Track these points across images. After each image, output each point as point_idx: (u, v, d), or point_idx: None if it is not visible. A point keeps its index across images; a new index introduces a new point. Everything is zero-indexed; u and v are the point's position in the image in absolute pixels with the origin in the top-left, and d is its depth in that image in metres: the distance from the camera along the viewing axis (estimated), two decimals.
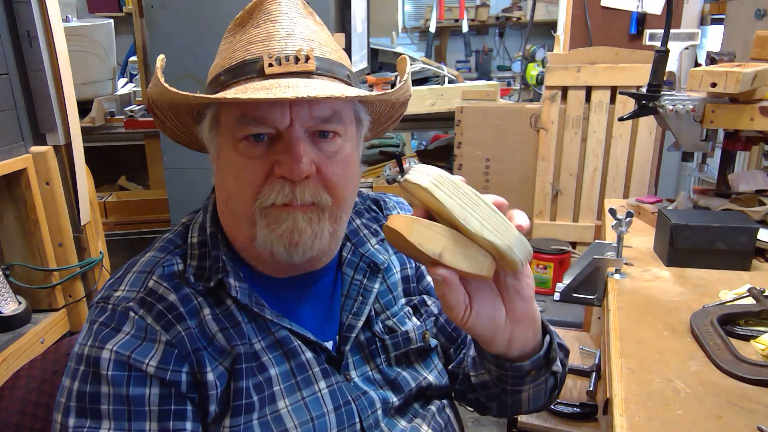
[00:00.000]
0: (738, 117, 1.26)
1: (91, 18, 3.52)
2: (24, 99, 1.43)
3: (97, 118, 2.58)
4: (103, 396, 0.66)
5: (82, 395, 0.67)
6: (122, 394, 0.66)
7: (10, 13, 1.38)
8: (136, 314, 0.69)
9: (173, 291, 0.72)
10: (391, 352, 0.83)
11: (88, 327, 0.71)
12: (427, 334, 0.87)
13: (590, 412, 1.38)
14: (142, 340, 0.68)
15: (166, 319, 0.70)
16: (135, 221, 2.55)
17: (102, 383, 0.66)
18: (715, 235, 1.17)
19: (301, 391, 0.74)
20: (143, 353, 0.68)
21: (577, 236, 2.50)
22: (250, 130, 0.68)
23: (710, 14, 2.52)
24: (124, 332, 0.69)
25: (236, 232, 0.76)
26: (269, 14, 0.71)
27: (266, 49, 0.69)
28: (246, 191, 0.69)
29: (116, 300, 0.71)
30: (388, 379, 0.82)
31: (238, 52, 0.70)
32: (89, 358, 0.68)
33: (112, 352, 0.67)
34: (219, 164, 0.73)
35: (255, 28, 0.71)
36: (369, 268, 0.83)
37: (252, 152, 0.69)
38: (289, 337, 0.75)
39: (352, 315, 0.80)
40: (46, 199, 1.45)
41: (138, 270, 0.74)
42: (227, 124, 0.70)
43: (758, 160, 2.19)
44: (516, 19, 4.59)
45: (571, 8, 2.41)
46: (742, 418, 0.74)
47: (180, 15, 2.01)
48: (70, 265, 1.53)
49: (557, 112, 2.39)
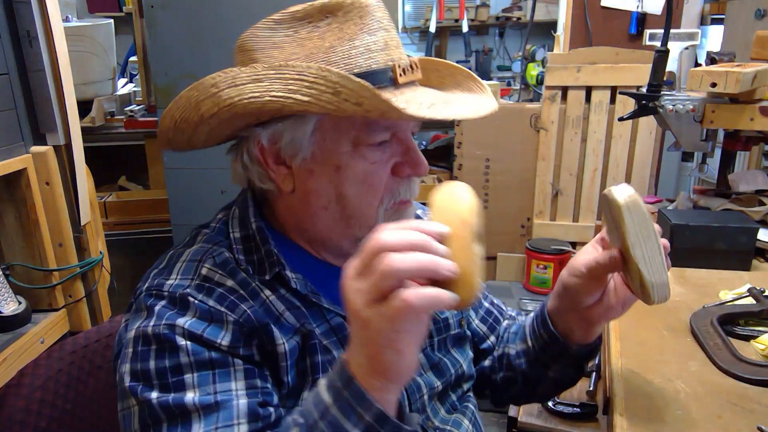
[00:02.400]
0: (738, 117, 1.26)
1: (91, 18, 3.52)
2: (24, 99, 1.42)
3: (97, 118, 2.58)
4: (185, 366, 0.65)
5: (163, 371, 0.65)
6: (205, 359, 0.66)
7: (10, 13, 1.37)
8: (195, 299, 0.69)
9: (229, 277, 0.72)
10: (435, 337, 0.86)
11: (145, 311, 0.70)
12: (464, 322, 0.92)
13: (590, 412, 1.38)
14: (209, 322, 0.68)
15: (229, 300, 0.70)
16: (135, 221, 2.55)
17: (181, 355, 0.66)
18: (715, 235, 1.17)
19: None
20: (214, 334, 0.67)
21: (577, 236, 2.50)
22: (381, 137, 0.71)
23: (710, 14, 2.52)
24: (189, 315, 0.68)
25: (330, 231, 0.77)
26: (380, 21, 0.72)
27: (389, 58, 0.71)
28: (372, 194, 0.73)
29: (171, 287, 0.70)
30: (433, 363, 0.85)
31: (358, 59, 0.69)
32: (159, 336, 0.66)
33: (184, 328, 0.67)
34: (319, 169, 0.73)
35: (369, 35, 0.70)
36: None
37: (377, 157, 0.72)
38: (343, 324, 0.76)
39: None
40: (46, 199, 1.45)
41: (187, 260, 0.74)
42: (345, 129, 0.70)
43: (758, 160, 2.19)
44: (516, 19, 4.58)
45: (571, 8, 2.41)
46: (742, 418, 0.74)
47: (180, 15, 2.01)
48: (70, 265, 1.52)
49: (557, 112, 2.39)
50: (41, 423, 0.82)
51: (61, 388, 0.86)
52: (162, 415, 0.64)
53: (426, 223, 0.56)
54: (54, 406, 0.84)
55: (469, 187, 0.62)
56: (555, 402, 1.41)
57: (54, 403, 0.84)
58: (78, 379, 0.89)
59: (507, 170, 2.55)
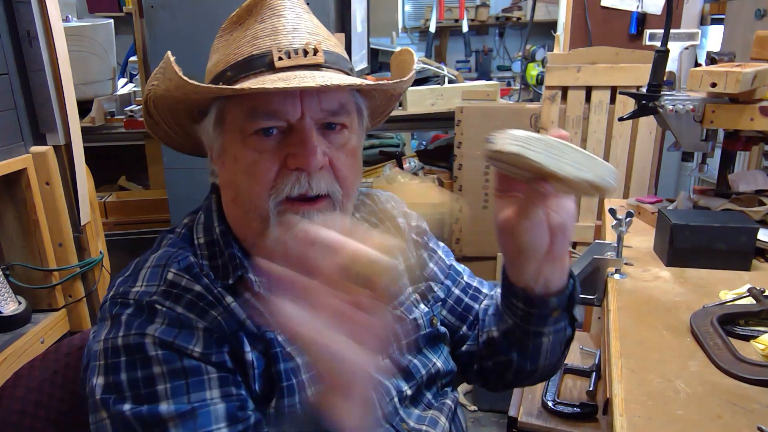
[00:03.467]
0: (738, 117, 1.26)
1: (91, 18, 3.52)
2: (24, 99, 1.43)
3: (97, 118, 2.58)
4: (157, 377, 0.64)
5: (135, 382, 0.64)
6: (178, 368, 0.65)
7: (10, 13, 1.38)
8: (163, 306, 0.68)
9: (196, 281, 0.71)
10: (402, 341, 0.84)
11: (111, 321, 0.68)
12: (435, 320, 0.90)
13: (590, 412, 1.38)
14: (179, 329, 0.67)
15: (198, 307, 0.69)
16: (135, 221, 2.54)
17: (153, 365, 0.64)
18: (715, 235, 1.17)
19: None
20: (186, 341, 0.66)
21: (577, 236, 2.50)
22: (261, 123, 0.68)
23: (710, 14, 2.52)
24: (158, 323, 0.66)
25: (246, 229, 0.75)
26: (273, 9, 0.71)
27: (274, 43, 0.69)
28: (259, 186, 0.69)
29: (136, 295, 0.69)
30: (400, 367, 0.83)
31: (243, 48, 0.70)
32: (129, 346, 0.65)
33: (154, 336, 0.65)
34: (225, 162, 0.73)
35: (259, 24, 0.71)
36: None
37: (263, 146, 0.69)
38: None
39: None
40: (46, 199, 1.45)
41: (151, 265, 0.73)
42: (234, 119, 0.70)
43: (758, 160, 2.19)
44: (516, 19, 4.59)
45: (571, 8, 2.41)
46: (742, 418, 0.74)
47: (180, 15, 2.00)
48: (70, 265, 1.52)
49: (557, 112, 2.39)
50: (36, 425, 0.81)
51: (56, 390, 0.86)
52: (137, 427, 0.63)
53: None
54: (49, 407, 0.83)
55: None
56: (555, 402, 1.41)
57: (49, 404, 0.83)
58: (73, 380, 0.88)
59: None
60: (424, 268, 0.94)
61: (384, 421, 0.79)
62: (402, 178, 2.67)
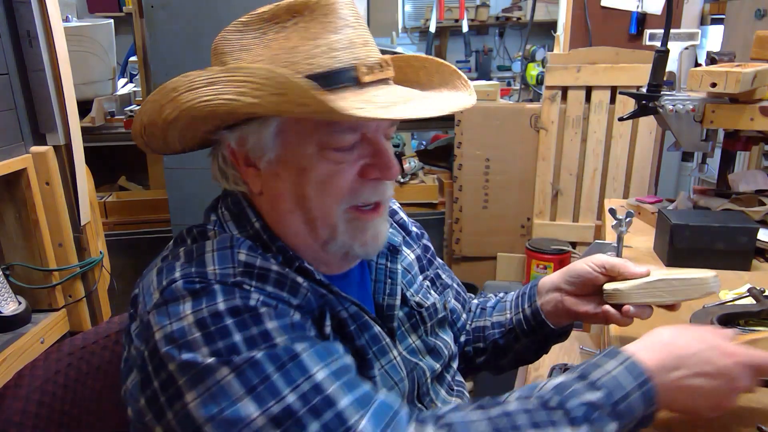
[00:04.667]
0: (738, 117, 1.26)
1: (91, 18, 3.52)
2: (24, 99, 1.42)
3: (97, 118, 2.58)
4: (273, 331, 0.62)
5: (251, 340, 0.61)
6: (288, 324, 0.64)
7: (10, 13, 1.37)
8: (251, 286, 0.65)
9: (268, 260, 0.70)
10: (428, 322, 0.89)
11: (193, 296, 0.63)
12: (447, 304, 0.97)
13: None
14: (276, 303, 0.65)
15: (288, 285, 0.69)
16: (135, 221, 2.54)
17: (265, 321, 0.62)
18: (715, 235, 1.17)
19: (380, 360, 0.78)
20: (283, 314, 0.65)
21: (577, 236, 2.50)
22: (346, 139, 0.69)
23: (710, 14, 2.52)
24: (254, 298, 0.64)
25: (305, 239, 0.75)
26: (345, 19, 0.70)
27: (354, 56, 0.68)
28: (332, 196, 0.71)
29: (216, 276, 0.65)
30: (429, 348, 0.88)
31: (320, 59, 0.67)
32: (236, 308, 0.62)
33: (259, 300, 0.64)
34: (283, 173, 0.71)
35: (333, 34, 0.68)
36: (389, 251, 0.88)
37: (341, 158, 0.70)
38: (359, 313, 0.77)
39: (387, 296, 0.85)
40: (46, 199, 1.45)
41: (216, 248, 0.68)
42: (307, 132, 0.69)
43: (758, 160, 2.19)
44: (516, 19, 4.58)
45: (571, 8, 2.41)
46: (742, 418, 0.74)
47: (180, 15, 2.01)
48: (70, 265, 1.52)
49: (557, 112, 2.39)
50: (40, 424, 0.82)
51: (59, 390, 0.86)
52: (269, 366, 0.59)
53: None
54: (52, 407, 0.84)
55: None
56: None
57: (52, 404, 0.84)
58: (76, 380, 0.88)
59: (507, 170, 2.55)
60: (431, 264, 1.00)
61: (417, 402, 0.83)
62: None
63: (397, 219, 0.97)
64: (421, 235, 1.01)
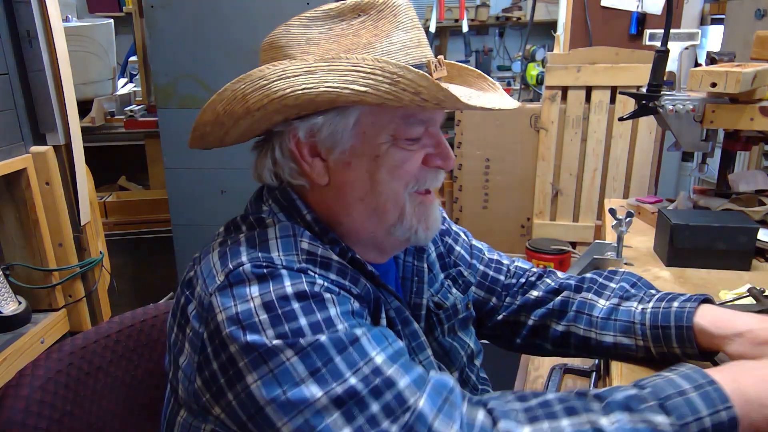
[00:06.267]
0: (738, 117, 1.26)
1: (91, 18, 3.52)
2: (24, 99, 1.43)
3: (97, 118, 2.58)
4: (335, 318, 0.63)
5: (316, 325, 0.62)
6: (348, 311, 0.66)
7: (10, 13, 1.38)
8: (315, 273, 0.67)
9: (329, 250, 0.72)
10: (445, 324, 0.89)
11: (259, 279, 0.64)
12: (470, 304, 0.96)
13: None
14: (339, 291, 0.67)
15: (349, 275, 0.71)
16: (135, 221, 2.55)
17: (330, 308, 0.64)
18: (715, 235, 1.17)
19: (418, 356, 0.80)
20: (344, 301, 0.67)
21: (577, 236, 2.50)
22: (417, 130, 0.74)
23: (710, 14, 2.52)
24: (319, 284, 0.66)
25: (362, 224, 0.77)
26: (412, 20, 0.75)
27: (423, 54, 0.73)
28: (401, 180, 0.75)
29: (283, 262, 0.66)
30: (445, 350, 0.88)
31: (396, 55, 0.72)
32: (303, 293, 0.64)
33: (323, 287, 0.65)
34: (354, 161, 0.73)
35: (404, 33, 0.73)
36: (415, 249, 0.89)
37: (411, 147, 0.75)
38: (401, 308, 0.79)
39: (414, 295, 0.86)
40: (46, 199, 1.45)
41: (279, 236, 0.70)
42: (383, 123, 0.72)
43: (758, 160, 2.19)
44: (516, 19, 4.58)
45: (571, 8, 2.41)
46: None
47: (180, 15, 2.01)
48: (70, 265, 1.53)
49: (557, 112, 2.39)
50: (41, 424, 0.82)
51: (60, 389, 0.86)
52: (331, 349, 0.61)
53: None
54: (54, 407, 0.84)
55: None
56: None
57: (53, 404, 0.84)
58: (77, 380, 0.89)
59: (507, 170, 2.55)
60: (452, 252, 1.00)
61: None
62: None
63: None
64: (447, 231, 1.01)
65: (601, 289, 0.93)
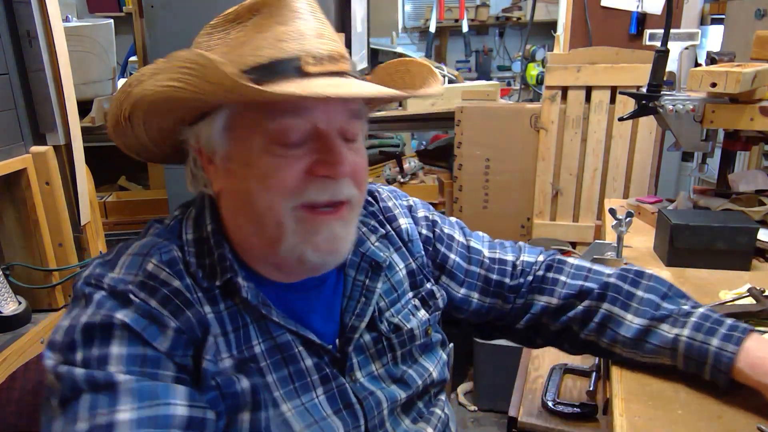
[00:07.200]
0: (738, 117, 1.26)
1: (91, 18, 3.52)
2: (24, 99, 1.43)
3: (97, 118, 2.58)
4: (112, 357, 0.62)
5: (88, 360, 0.62)
6: (138, 354, 0.63)
7: (10, 13, 1.38)
8: (137, 297, 0.65)
9: (176, 277, 0.68)
10: (398, 350, 0.82)
11: (83, 299, 0.66)
12: (430, 330, 0.87)
13: (590, 412, 1.38)
14: (150, 321, 0.64)
15: (173, 304, 0.66)
16: (135, 221, 2.55)
17: (113, 343, 0.62)
18: (715, 235, 1.17)
19: (300, 397, 0.72)
20: (153, 336, 0.64)
21: (577, 236, 2.50)
22: (288, 123, 0.66)
23: (710, 14, 2.52)
24: (131, 310, 0.64)
25: (255, 239, 0.72)
26: (296, 12, 0.68)
27: (301, 47, 0.66)
28: (272, 191, 0.67)
29: (111, 281, 0.66)
30: (395, 377, 0.82)
31: (265, 50, 0.66)
32: (91, 325, 0.63)
33: (123, 322, 0.63)
34: (232, 168, 0.70)
35: (282, 26, 0.67)
36: (371, 267, 0.82)
37: (285, 152, 0.67)
38: (289, 343, 0.73)
39: (354, 316, 0.79)
40: (46, 199, 1.45)
41: (133, 253, 0.69)
42: (252, 125, 0.67)
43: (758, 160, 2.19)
44: (516, 19, 4.59)
45: (571, 8, 2.41)
46: (742, 418, 0.74)
47: (180, 15, 2.00)
48: (70, 265, 1.53)
49: (557, 112, 2.39)
50: (33, 428, 0.81)
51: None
52: (84, 386, 0.60)
53: None
54: None
55: None
56: (555, 402, 1.41)
57: None
58: None
59: (507, 170, 2.55)
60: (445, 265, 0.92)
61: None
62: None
63: (395, 226, 0.89)
64: (439, 238, 0.92)
65: (628, 300, 0.86)
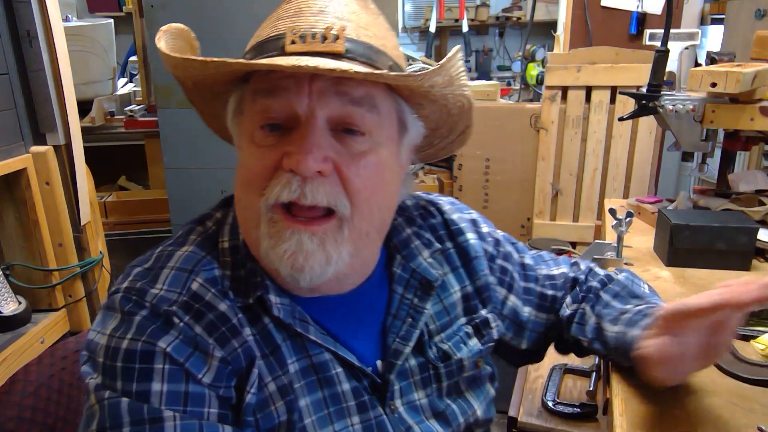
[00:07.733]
0: (738, 117, 1.26)
1: (91, 18, 3.52)
2: (24, 99, 1.43)
3: (97, 118, 2.58)
4: (154, 394, 0.57)
5: (128, 393, 0.58)
6: (179, 391, 0.58)
7: (10, 13, 1.38)
8: (181, 320, 0.60)
9: (221, 299, 0.62)
10: (444, 381, 0.75)
11: (121, 317, 0.60)
12: (481, 362, 0.79)
13: (590, 412, 1.38)
14: (193, 349, 0.59)
15: (219, 332, 0.61)
16: (135, 221, 2.55)
17: (154, 379, 0.57)
18: (715, 235, 1.17)
19: (333, 425, 0.65)
20: (196, 366, 0.59)
21: (577, 236, 2.50)
22: (265, 105, 0.60)
23: (710, 14, 2.52)
24: (173, 335, 0.59)
25: (248, 238, 0.65)
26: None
27: (292, 25, 0.60)
28: (247, 184, 0.61)
29: (154, 299, 0.60)
30: (437, 411, 0.74)
31: (265, 29, 0.63)
32: (133, 352, 0.58)
33: (165, 352, 0.58)
34: (238, 156, 0.66)
35: (287, 3, 0.63)
36: (421, 285, 0.74)
37: (264, 141, 0.60)
38: (327, 363, 0.66)
39: (399, 338, 0.71)
40: (46, 199, 1.45)
41: (177, 266, 0.63)
42: (246, 109, 0.63)
43: (758, 160, 2.19)
44: (516, 19, 4.59)
45: (571, 8, 2.41)
46: (742, 418, 0.74)
47: (180, 15, 2.00)
48: (70, 265, 1.53)
49: (557, 112, 2.39)
50: (33, 430, 0.80)
51: (53, 395, 0.83)
52: (125, 418, 0.56)
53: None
54: (47, 413, 0.81)
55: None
56: (555, 402, 1.40)
57: (47, 410, 0.81)
58: (70, 384, 0.86)
59: (507, 170, 2.55)
60: (511, 291, 0.85)
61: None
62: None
63: (461, 240, 0.81)
64: (494, 256, 0.84)
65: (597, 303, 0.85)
